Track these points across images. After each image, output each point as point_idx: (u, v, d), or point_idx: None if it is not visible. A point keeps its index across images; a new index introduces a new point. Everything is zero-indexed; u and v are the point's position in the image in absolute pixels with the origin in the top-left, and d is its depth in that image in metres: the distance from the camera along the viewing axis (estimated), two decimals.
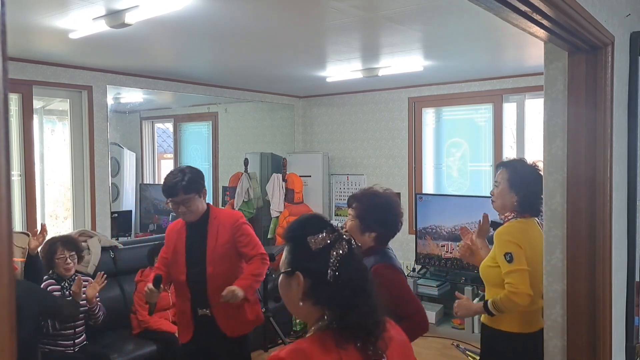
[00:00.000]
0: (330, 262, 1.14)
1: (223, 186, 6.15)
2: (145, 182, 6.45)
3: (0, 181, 0.43)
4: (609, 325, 1.97)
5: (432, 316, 4.93)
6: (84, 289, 3.24)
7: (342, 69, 4.56)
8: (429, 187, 5.69)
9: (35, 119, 4.21)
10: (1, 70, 0.44)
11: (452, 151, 5.55)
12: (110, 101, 4.62)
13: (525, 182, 2.35)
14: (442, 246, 5.07)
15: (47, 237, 3.33)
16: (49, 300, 2.74)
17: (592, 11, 1.72)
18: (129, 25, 2.80)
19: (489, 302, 2.28)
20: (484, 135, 5.29)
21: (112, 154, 4.79)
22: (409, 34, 3.32)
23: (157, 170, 6.79)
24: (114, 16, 2.77)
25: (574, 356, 1.97)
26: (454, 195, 5.27)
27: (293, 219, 4.99)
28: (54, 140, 5.13)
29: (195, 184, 2.66)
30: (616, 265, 2.08)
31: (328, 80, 4.97)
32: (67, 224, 4.76)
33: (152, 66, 4.42)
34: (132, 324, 3.79)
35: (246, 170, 5.79)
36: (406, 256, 5.64)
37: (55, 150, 5.00)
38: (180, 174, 2.65)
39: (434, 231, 5.13)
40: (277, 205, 5.76)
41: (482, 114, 5.31)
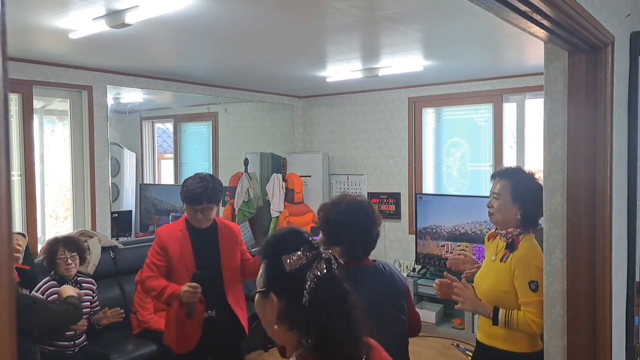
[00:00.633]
0: (306, 285, 1.04)
1: (223, 186, 6.15)
2: (145, 182, 6.45)
3: (0, 181, 0.43)
4: (609, 325, 1.97)
5: (432, 316, 4.93)
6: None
7: (342, 69, 4.56)
8: (429, 187, 5.69)
9: (35, 119, 4.21)
10: (1, 70, 0.44)
11: (452, 151, 5.55)
12: (110, 101, 4.62)
13: (530, 195, 2.17)
14: (442, 246, 5.07)
15: (47, 238, 3.33)
16: (44, 315, 2.42)
17: (592, 11, 1.72)
18: (129, 25, 2.80)
19: (501, 311, 2.11)
20: (484, 135, 5.29)
21: (112, 154, 4.79)
22: (409, 34, 3.32)
23: (157, 170, 6.79)
24: (114, 16, 2.77)
25: (574, 356, 1.97)
26: (454, 195, 5.27)
27: (293, 219, 4.99)
28: (54, 140, 5.13)
29: (219, 194, 2.72)
30: (616, 265, 2.08)
31: (328, 80, 4.97)
32: (67, 224, 4.76)
33: (152, 66, 4.42)
34: (132, 324, 3.79)
35: (246, 170, 5.79)
36: (406, 256, 5.64)
37: (55, 150, 5.00)
38: (204, 182, 2.66)
39: (434, 231, 5.13)
40: (277, 205, 5.76)
41: (482, 114, 5.31)
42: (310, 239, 1.13)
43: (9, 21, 0.47)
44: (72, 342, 3.23)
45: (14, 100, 3.94)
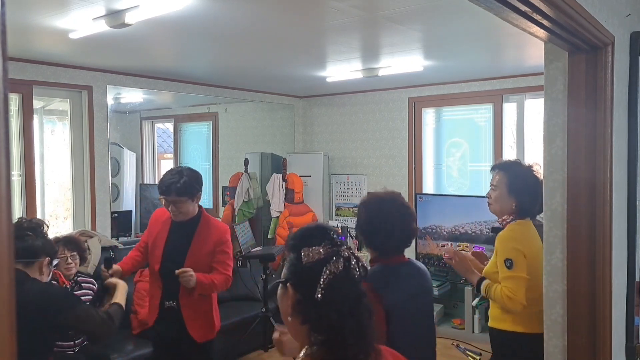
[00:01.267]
0: (321, 280, 1.04)
1: (223, 186, 6.15)
2: (145, 182, 6.45)
3: (0, 181, 0.43)
4: (609, 325, 1.97)
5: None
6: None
7: (342, 69, 4.56)
8: (429, 187, 5.69)
9: (35, 119, 4.21)
10: (1, 70, 0.44)
11: (452, 151, 5.55)
12: (110, 101, 4.62)
13: (524, 187, 2.31)
14: (442, 246, 5.07)
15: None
16: (81, 313, 2.20)
17: (592, 11, 1.72)
18: (129, 25, 2.80)
19: (483, 283, 2.31)
20: (484, 135, 5.29)
21: (112, 154, 4.79)
22: (409, 34, 3.32)
23: (157, 170, 6.79)
24: (114, 16, 2.77)
25: (574, 356, 1.97)
26: (454, 195, 5.27)
27: (293, 219, 4.98)
28: (54, 140, 5.13)
29: (190, 188, 2.67)
30: (616, 265, 2.08)
31: (328, 80, 4.97)
32: (67, 224, 4.76)
33: (152, 66, 4.42)
34: (132, 324, 3.79)
35: (246, 170, 5.78)
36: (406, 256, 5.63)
37: (55, 150, 5.00)
38: (177, 175, 2.66)
39: (434, 231, 5.13)
40: (277, 205, 5.76)
41: (482, 114, 5.31)
42: (335, 236, 1.13)
43: (9, 21, 0.47)
44: (73, 342, 3.23)
45: (14, 100, 3.94)
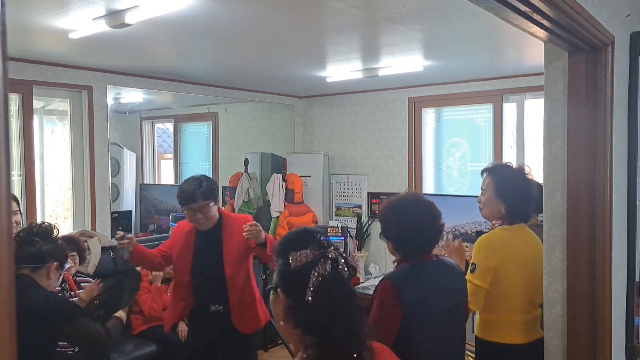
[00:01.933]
0: (310, 282, 1.06)
1: (223, 186, 6.15)
2: (145, 182, 6.45)
3: (0, 181, 0.43)
4: (609, 325, 1.97)
5: None
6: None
7: (342, 69, 4.56)
8: (429, 187, 5.69)
9: (35, 119, 4.21)
10: (1, 70, 0.44)
11: (452, 151, 5.54)
12: (110, 101, 4.62)
13: (512, 189, 2.25)
14: (442, 246, 5.06)
15: None
16: (78, 328, 2.16)
17: (592, 11, 1.72)
18: (129, 25, 2.79)
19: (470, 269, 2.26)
20: (484, 135, 5.29)
21: (112, 154, 4.79)
22: (409, 34, 3.32)
23: (157, 171, 6.79)
24: (114, 16, 2.77)
25: (574, 356, 1.97)
26: (454, 195, 5.27)
27: (293, 219, 4.98)
28: (54, 140, 5.12)
29: (213, 191, 2.75)
30: (616, 265, 2.08)
31: (328, 80, 4.97)
32: (67, 224, 4.76)
33: (152, 66, 4.42)
34: (132, 324, 3.78)
35: (246, 170, 5.78)
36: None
37: (55, 150, 5.00)
38: (197, 181, 2.73)
39: None
40: (277, 205, 5.76)
41: (482, 114, 5.30)
42: (322, 238, 1.14)
43: (9, 21, 0.47)
44: None
45: (14, 100, 3.93)
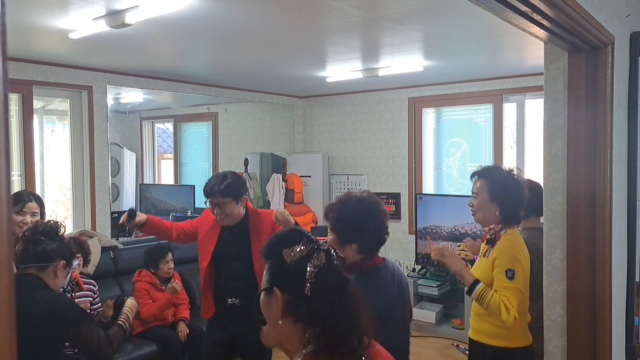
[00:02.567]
0: (307, 275, 1.08)
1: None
2: (145, 182, 6.45)
3: (0, 181, 0.43)
4: (609, 325, 1.97)
5: (432, 316, 4.93)
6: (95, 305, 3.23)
7: (342, 69, 4.56)
8: (429, 187, 5.69)
9: (35, 119, 4.21)
10: (1, 70, 0.44)
11: (452, 151, 5.55)
12: (110, 101, 4.62)
13: (506, 192, 2.22)
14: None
15: None
16: (84, 334, 2.10)
17: (592, 11, 1.72)
18: (129, 25, 2.80)
19: (479, 285, 2.11)
20: (484, 135, 5.29)
21: (112, 154, 4.79)
22: (409, 34, 3.32)
23: (157, 171, 6.79)
24: (114, 16, 2.77)
25: (574, 356, 1.97)
26: (454, 196, 5.27)
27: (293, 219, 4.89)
28: (54, 140, 5.13)
29: (234, 190, 2.74)
30: (616, 265, 2.08)
31: (328, 80, 4.97)
32: (67, 224, 4.76)
33: (152, 66, 4.42)
34: (132, 324, 3.78)
35: (246, 170, 5.79)
36: (406, 256, 5.64)
37: (55, 150, 5.00)
38: (221, 177, 2.76)
39: (434, 231, 5.13)
40: (277, 205, 5.76)
41: (482, 114, 5.31)
42: (310, 235, 1.17)
43: (9, 21, 0.47)
44: None
45: (14, 100, 3.94)
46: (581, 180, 1.94)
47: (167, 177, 6.91)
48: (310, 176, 6.00)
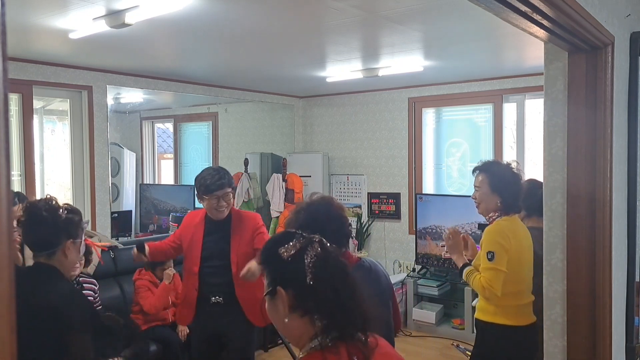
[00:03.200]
0: (306, 266, 1.12)
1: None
2: (145, 182, 6.45)
3: (0, 181, 0.43)
4: (609, 325, 1.97)
5: (432, 316, 4.93)
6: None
7: (342, 69, 4.56)
8: (429, 187, 5.69)
9: (35, 119, 4.21)
10: (1, 70, 0.44)
11: (452, 151, 5.55)
12: (110, 101, 4.62)
13: (505, 183, 2.43)
14: (442, 246, 5.06)
15: None
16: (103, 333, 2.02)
17: (592, 11, 1.72)
18: (129, 25, 2.80)
19: (467, 268, 2.42)
20: (484, 135, 5.29)
21: (112, 154, 4.79)
22: (409, 34, 3.32)
23: (157, 170, 6.79)
24: (114, 16, 2.77)
25: (574, 356, 1.97)
26: (454, 196, 5.27)
27: None
28: (54, 140, 5.13)
29: (233, 181, 2.90)
30: (616, 265, 2.08)
31: (328, 80, 4.97)
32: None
33: (152, 66, 4.42)
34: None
35: (246, 170, 5.79)
36: (406, 256, 5.64)
37: (55, 150, 5.00)
38: (219, 171, 2.85)
39: (434, 231, 5.13)
40: (277, 205, 5.76)
41: (482, 114, 5.31)
42: (301, 232, 1.21)
43: (9, 21, 0.47)
44: None
45: (14, 100, 3.94)
46: (581, 180, 1.94)
47: (167, 177, 6.91)
48: (310, 176, 6.00)
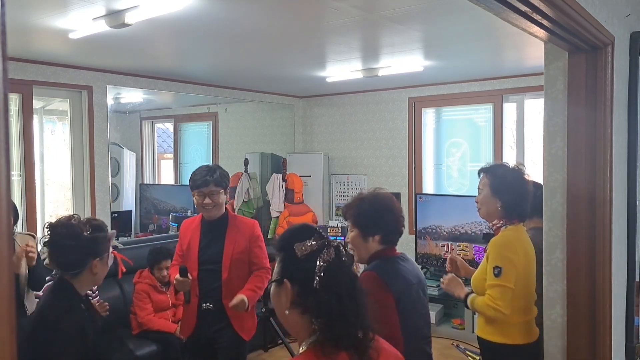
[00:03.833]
0: (316, 269, 1.12)
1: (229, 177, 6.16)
2: (145, 182, 6.45)
3: (0, 181, 0.43)
4: (609, 325, 1.97)
5: (432, 316, 4.93)
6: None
7: (342, 69, 4.56)
8: (429, 187, 5.69)
9: (35, 119, 4.21)
10: (1, 70, 0.44)
11: (452, 151, 5.55)
12: (110, 101, 4.62)
13: (507, 187, 2.28)
14: (442, 246, 5.07)
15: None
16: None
17: (592, 11, 1.72)
18: (129, 25, 2.80)
19: (470, 297, 2.29)
20: (484, 135, 5.29)
21: (112, 154, 4.79)
22: (409, 34, 3.32)
23: (157, 171, 6.79)
24: (114, 16, 2.77)
25: (574, 356, 1.97)
26: (454, 196, 5.27)
27: (293, 219, 4.96)
28: (54, 140, 5.13)
29: (225, 180, 2.82)
30: (616, 265, 2.08)
31: (328, 80, 4.97)
32: None
33: (152, 66, 4.42)
34: (131, 324, 3.78)
35: (246, 170, 5.79)
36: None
37: (55, 150, 5.00)
38: (210, 168, 2.82)
39: (433, 231, 5.13)
40: (277, 205, 5.76)
41: (482, 114, 5.31)
42: (321, 231, 1.22)
43: (9, 21, 0.47)
44: None
45: (14, 100, 3.93)
46: (581, 180, 1.94)
47: (167, 177, 6.91)
48: (310, 176, 6.00)
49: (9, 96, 0.45)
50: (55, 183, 5.01)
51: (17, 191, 3.95)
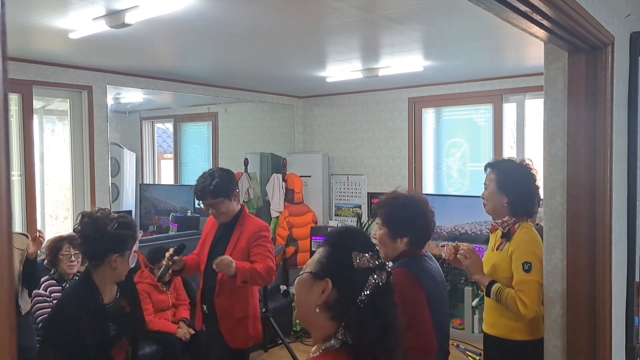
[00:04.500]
0: (366, 285, 1.10)
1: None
2: (145, 182, 6.45)
3: (0, 181, 0.43)
4: (609, 325, 1.97)
5: None
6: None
7: (342, 69, 4.56)
8: (429, 187, 5.69)
9: (35, 119, 4.21)
10: (1, 70, 0.44)
11: (452, 151, 5.55)
12: (110, 101, 4.62)
13: (514, 182, 2.25)
14: (442, 246, 5.06)
15: (48, 238, 3.33)
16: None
17: (592, 11, 1.72)
18: (129, 25, 2.79)
19: (494, 286, 2.16)
20: (484, 135, 5.29)
21: (112, 154, 4.79)
22: (409, 34, 3.32)
23: (157, 171, 6.79)
24: (114, 16, 2.77)
25: (574, 356, 1.97)
26: (454, 196, 5.27)
27: (293, 219, 4.93)
28: (54, 140, 5.13)
29: (224, 188, 2.72)
30: (616, 265, 2.08)
31: (328, 80, 4.97)
32: (67, 224, 4.76)
33: (152, 66, 4.42)
34: None
35: (246, 170, 5.79)
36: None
37: (55, 150, 5.00)
38: (209, 177, 2.72)
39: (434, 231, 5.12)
40: (277, 205, 5.76)
41: (482, 114, 5.31)
42: (376, 249, 1.20)
43: (9, 21, 0.47)
44: None
45: (14, 100, 3.93)
46: (581, 180, 1.94)
47: (167, 177, 6.91)
48: (310, 176, 6.00)
49: (9, 96, 0.45)
50: (55, 183, 5.01)
51: (17, 191, 3.95)
